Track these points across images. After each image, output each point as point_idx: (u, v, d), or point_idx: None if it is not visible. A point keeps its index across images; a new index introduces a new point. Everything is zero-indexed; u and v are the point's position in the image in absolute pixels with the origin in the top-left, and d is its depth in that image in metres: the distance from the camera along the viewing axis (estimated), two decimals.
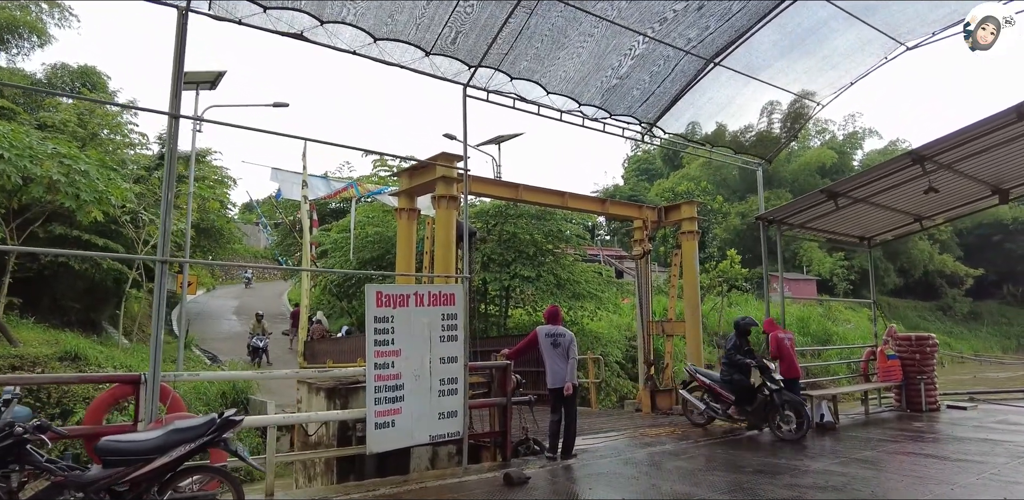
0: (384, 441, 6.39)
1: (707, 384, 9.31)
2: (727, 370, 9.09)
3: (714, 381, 9.27)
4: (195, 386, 13.63)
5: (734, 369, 9.00)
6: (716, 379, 9.28)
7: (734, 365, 8.99)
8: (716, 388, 9.19)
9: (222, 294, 35.36)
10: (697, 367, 10.12)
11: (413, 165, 9.80)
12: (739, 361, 8.90)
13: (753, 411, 8.90)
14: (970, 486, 6.14)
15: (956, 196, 11.09)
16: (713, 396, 9.32)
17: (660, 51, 8.10)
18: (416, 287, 6.83)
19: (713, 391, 9.25)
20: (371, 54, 6.61)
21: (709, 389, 9.32)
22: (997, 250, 48.99)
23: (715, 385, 9.22)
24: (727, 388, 9.08)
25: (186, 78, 15.36)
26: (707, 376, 9.45)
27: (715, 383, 9.24)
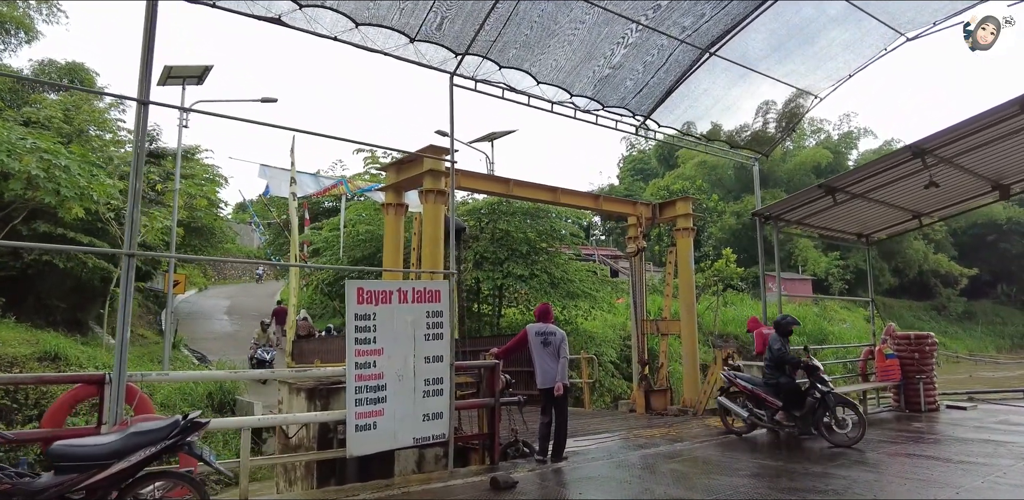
0: (365, 444, 6.12)
1: (750, 389, 8.66)
2: (772, 373, 8.51)
3: (757, 385, 8.66)
4: (180, 387, 13.33)
5: (779, 372, 8.44)
6: (758, 383, 8.68)
7: (780, 367, 8.42)
8: (760, 393, 8.55)
9: (215, 294, 35.03)
10: (735, 372, 9.42)
11: (400, 159, 9.52)
12: (792, 361, 8.34)
13: (803, 415, 8.31)
14: (976, 490, 5.90)
15: (955, 192, 10.89)
16: (756, 402, 8.66)
17: (654, 40, 7.85)
18: (399, 283, 6.58)
19: (757, 396, 8.60)
20: (353, 40, 6.34)
21: (752, 395, 8.66)
22: (991, 250, 49.01)
23: (758, 390, 8.59)
24: (772, 392, 8.48)
25: (172, 72, 15.17)
26: (748, 381, 8.80)
27: (758, 388, 8.62)
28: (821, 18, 8.21)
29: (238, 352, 21.32)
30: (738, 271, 24.67)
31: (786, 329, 8.69)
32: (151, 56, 5.39)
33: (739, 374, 9.19)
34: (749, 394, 8.70)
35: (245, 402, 13.77)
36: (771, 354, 8.56)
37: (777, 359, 8.47)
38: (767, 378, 8.61)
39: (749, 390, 8.68)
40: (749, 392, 8.68)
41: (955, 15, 8.42)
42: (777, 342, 8.56)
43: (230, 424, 6.81)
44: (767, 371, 8.66)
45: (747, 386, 8.70)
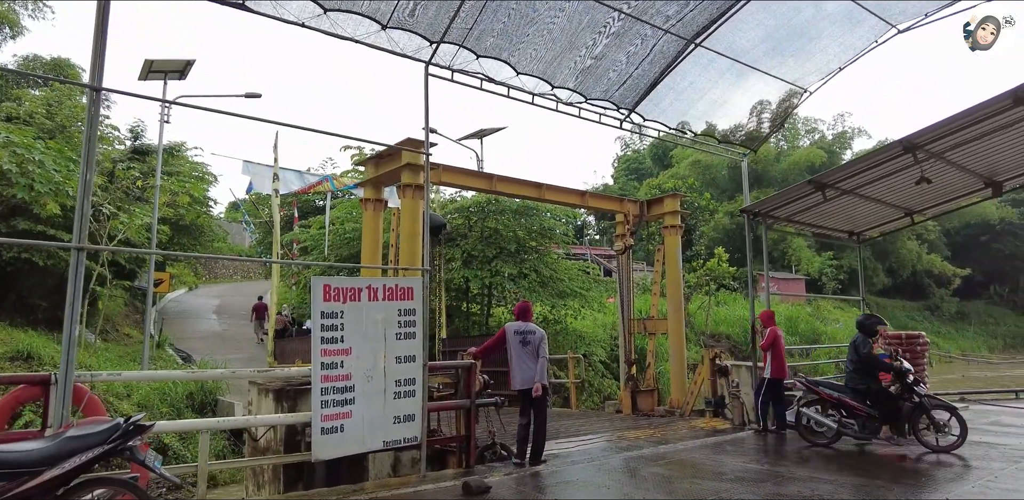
0: (332, 447, 5.87)
1: (836, 398, 8.03)
2: (860, 378, 7.89)
3: (843, 393, 8.04)
4: (159, 387, 13.02)
5: (868, 377, 7.86)
6: (843, 390, 8.06)
7: (868, 372, 7.85)
8: (848, 401, 7.94)
9: (204, 293, 34.78)
10: (814, 378, 8.88)
11: (379, 152, 9.25)
12: (883, 365, 7.78)
13: (899, 422, 7.80)
14: (967, 494, 5.69)
15: (947, 189, 10.69)
16: (844, 410, 8.03)
17: (637, 29, 7.59)
18: (369, 280, 6.30)
19: (845, 405, 7.97)
20: (322, 27, 6.07)
21: (839, 403, 8.03)
22: (984, 250, 49.03)
23: (846, 398, 7.98)
24: (859, 399, 7.89)
25: (153, 66, 14.86)
26: (832, 388, 8.20)
27: (844, 395, 8.01)
28: (810, 8, 7.98)
29: (225, 351, 21.08)
30: (730, 270, 24.48)
31: (871, 329, 8.18)
32: (104, 42, 5.14)
33: (820, 381, 8.65)
34: (835, 402, 8.06)
35: (226, 402, 13.49)
36: (858, 357, 7.94)
37: (865, 362, 7.86)
38: (852, 384, 7.98)
39: (836, 398, 8.04)
40: (836, 400, 8.04)
41: (948, 6, 8.21)
42: (865, 344, 7.95)
43: (185, 427, 6.52)
44: (853, 376, 8.00)
45: (833, 394, 8.08)
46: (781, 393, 9.20)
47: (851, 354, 8.08)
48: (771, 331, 9.24)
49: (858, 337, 8.12)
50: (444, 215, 18.21)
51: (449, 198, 21.11)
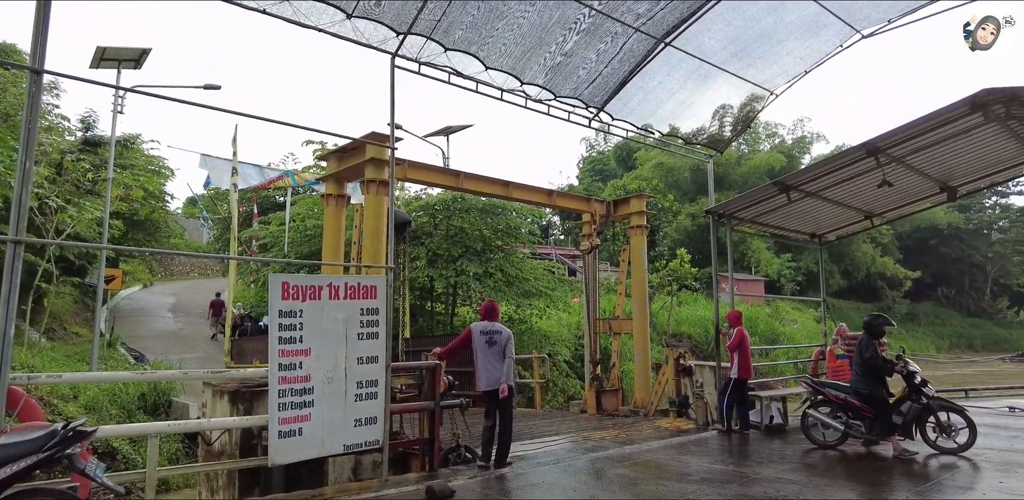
0: (289, 451, 5.64)
1: (842, 399, 7.88)
2: (864, 381, 7.68)
3: (848, 394, 7.87)
4: (110, 388, 12.49)
5: (873, 379, 7.64)
6: (849, 392, 7.88)
7: (873, 374, 7.64)
8: (854, 403, 7.77)
9: (160, 290, 33.78)
10: (820, 380, 8.68)
11: (342, 147, 9.00)
12: (884, 367, 7.56)
13: (905, 423, 7.55)
14: (924, 492, 5.77)
15: (906, 193, 10.92)
16: (851, 412, 7.88)
17: (607, 27, 7.52)
18: (330, 278, 6.09)
19: (851, 406, 7.82)
20: (284, 14, 5.83)
21: (845, 404, 7.88)
22: (933, 254, 50.84)
23: (853, 399, 7.80)
24: (864, 401, 7.71)
25: (106, 54, 14.26)
26: (838, 389, 8.03)
27: (851, 397, 7.83)
28: (778, 11, 8.03)
29: (180, 351, 20.45)
30: (692, 271, 24.73)
31: (878, 330, 7.86)
32: (46, 21, 4.83)
33: (827, 382, 8.41)
34: (841, 404, 7.93)
35: (181, 404, 13.02)
36: (861, 359, 7.74)
37: (869, 365, 7.64)
38: (857, 386, 7.79)
39: (842, 400, 7.90)
40: (842, 402, 7.90)
41: (910, 13, 8.35)
42: (868, 346, 7.69)
43: (132, 431, 6.20)
44: (858, 378, 7.79)
45: (839, 396, 7.93)
46: (745, 393, 9.26)
47: (856, 356, 7.89)
48: (738, 331, 9.28)
49: (863, 338, 7.86)
50: (409, 213, 17.94)
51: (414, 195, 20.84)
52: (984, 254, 51.77)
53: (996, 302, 52.67)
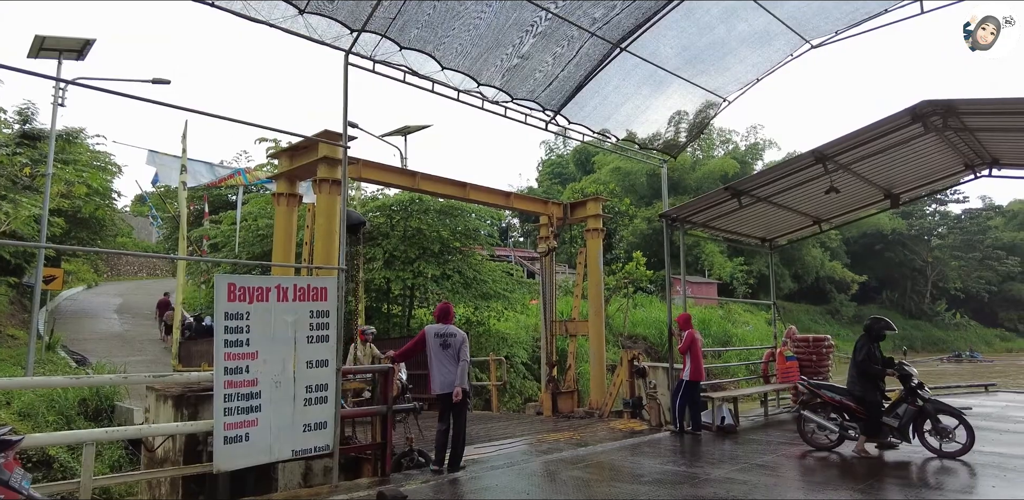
0: (236, 457, 5.48)
1: (838, 401, 7.81)
2: (861, 383, 7.60)
3: (844, 396, 7.81)
4: (47, 393, 11.92)
5: (869, 382, 7.55)
6: (844, 393, 7.83)
7: (869, 376, 7.55)
8: (851, 405, 7.69)
9: (105, 291, 32.59)
10: (816, 381, 8.53)
11: (294, 145, 8.81)
12: (876, 371, 7.48)
13: (901, 427, 7.44)
14: (867, 489, 5.94)
15: (852, 199, 11.29)
16: (847, 414, 7.80)
17: (564, 30, 7.55)
18: (278, 279, 5.94)
19: (847, 408, 7.75)
20: (233, 8, 5.67)
21: (841, 406, 7.82)
22: (878, 258, 52.81)
23: (847, 401, 7.74)
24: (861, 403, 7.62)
25: (45, 43, 13.64)
26: (834, 391, 7.95)
27: (846, 398, 7.77)
28: (731, 19, 8.19)
29: (126, 353, 19.73)
30: (648, 274, 25.07)
31: (878, 334, 7.73)
32: None
33: (823, 384, 8.30)
34: (837, 405, 7.86)
35: (124, 408, 12.53)
36: (855, 361, 7.66)
37: (861, 368, 7.57)
38: (851, 388, 7.71)
39: (838, 401, 7.83)
40: (838, 403, 7.83)
41: (854, 26, 8.60)
42: (863, 348, 7.60)
43: (65, 439, 5.92)
44: (853, 380, 7.71)
45: (835, 397, 7.86)
46: (698, 395, 9.38)
47: (852, 358, 7.78)
48: (688, 334, 9.39)
49: (860, 341, 7.77)
50: (365, 213, 17.69)
51: (371, 196, 20.58)
52: (925, 259, 54.01)
53: (935, 305, 54.92)
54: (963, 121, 8.34)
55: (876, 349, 7.72)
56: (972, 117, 8.25)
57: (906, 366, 7.66)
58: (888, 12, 8.24)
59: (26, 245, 16.14)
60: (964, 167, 10.38)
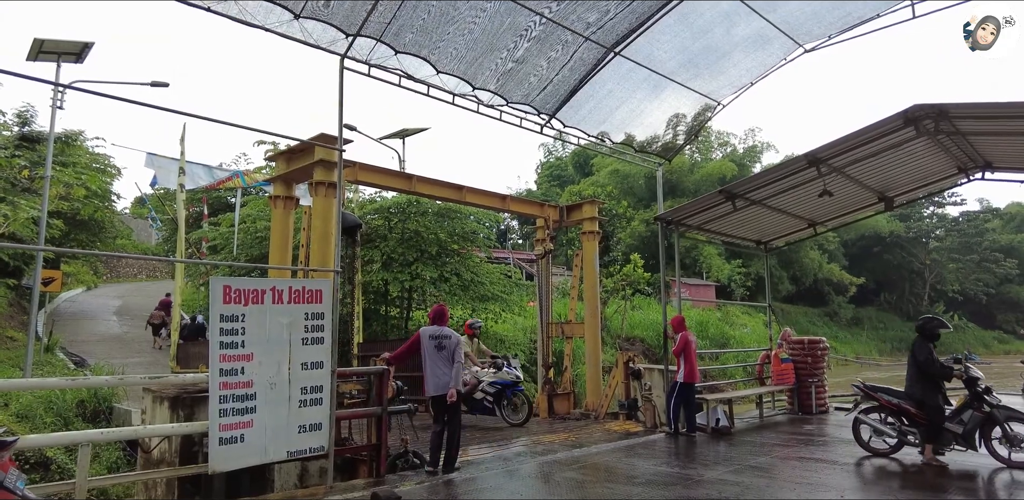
0: (231, 458, 5.52)
1: (895, 405, 7.44)
2: (920, 387, 7.22)
3: (903, 400, 7.43)
4: (45, 395, 11.96)
5: (929, 385, 7.17)
6: (902, 397, 7.46)
7: (930, 380, 7.17)
8: (910, 409, 7.30)
9: (105, 292, 32.65)
10: (872, 384, 8.04)
11: (291, 147, 8.87)
12: (942, 373, 7.08)
13: (966, 433, 7.02)
14: (857, 490, 5.99)
15: (847, 202, 11.34)
16: (905, 419, 7.43)
17: (558, 35, 7.61)
18: (274, 281, 5.98)
19: (906, 413, 7.36)
20: (229, 12, 5.73)
21: (899, 410, 7.44)
22: (876, 260, 52.89)
23: (906, 405, 7.35)
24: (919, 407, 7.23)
25: (44, 46, 13.70)
26: (891, 394, 7.59)
27: (904, 402, 7.39)
28: (725, 23, 8.26)
29: (125, 355, 19.77)
30: (645, 276, 25.10)
31: (932, 333, 7.38)
32: None
33: (879, 386, 7.87)
34: (895, 410, 7.49)
35: (122, 410, 12.57)
36: (915, 363, 7.29)
37: (922, 369, 7.18)
38: (911, 391, 7.36)
39: (895, 405, 7.46)
40: (895, 407, 7.47)
41: (847, 30, 8.67)
42: (923, 349, 7.22)
43: (61, 440, 5.96)
44: (913, 383, 7.35)
45: (892, 401, 7.49)
46: (692, 397, 9.43)
47: (910, 359, 7.46)
48: (682, 336, 9.43)
49: (916, 341, 7.43)
50: (363, 216, 17.75)
51: (368, 198, 20.63)
52: (922, 261, 54.08)
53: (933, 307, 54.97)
54: (955, 125, 8.40)
55: (933, 349, 7.30)
56: (964, 121, 8.31)
57: (971, 369, 7.26)
58: (880, 16, 8.32)
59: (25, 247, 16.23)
60: (957, 170, 10.44)
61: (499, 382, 10.40)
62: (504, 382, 10.40)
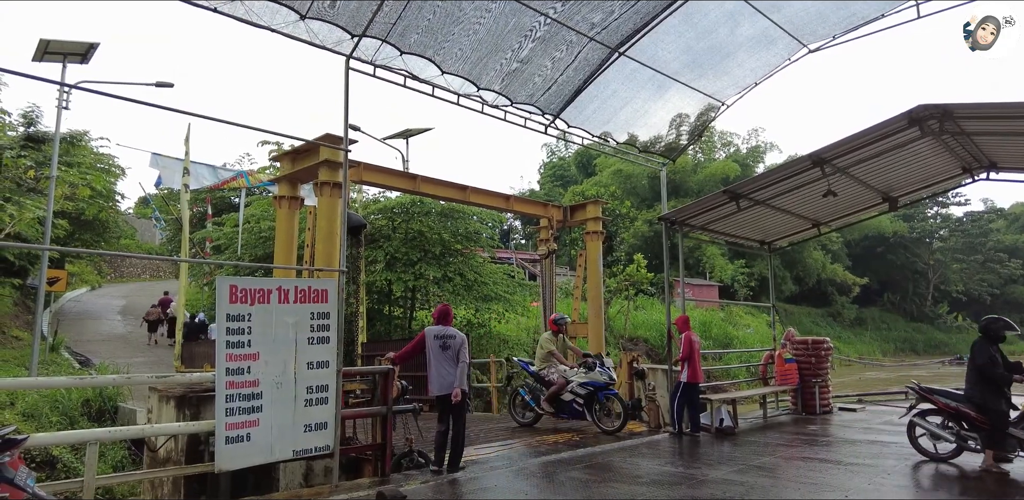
0: (237, 457, 5.54)
1: (954, 408, 7.10)
2: (978, 389, 6.88)
3: (962, 403, 7.08)
4: (51, 394, 12.01)
5: (989, 388, 6.81)
6: (962, 400, 7.10)
7: (990, 383, 6.81)
8: (970, 413, 6.96)
9: (109, 292, 32.78)
10: (930, 386, 7.62)
11: (296, 148, 8.90)
12: (1002, 377, 6.73)
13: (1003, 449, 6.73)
14: (863, 491, 5.99)
15: (851, 202, 11.33)
16: (965, 423, 7.12)
17: (563, 35, 7.63)
18: (279, 281, 6.00)
19: (966, 417, 7.03)
20: (235, 13, 5.75)
21: (958, 414, 7.11)
22: (880, 260, 52.79)
23: (965, 408, 7.02)
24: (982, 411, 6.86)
25: (50, 47, 13.76)
26: (950, 397, 7.23)
27: (963, 405, 7.05)
28: (729, 23, 8.26)
29: (129, 355, 19.86)
30: (649, 276, 25.11)
31: (997, 334, 7.01)
32: None
33: (937, 388, 7.48)
34: (953, 413, 7.16)
35: (128, 409, 12.61)
36: (974, 365, 6.96)
37: (982, 372, 6.85)
38: (970, 394, 7.00)
39: (954, 409, 7.12)
40: (954, 411, 7.13)
41: (852, 30, 8.67)
42: (984, 351, 6.88)
43: (69, 439, 5.99)
44: (972, 386, 7.01)
45: (951, 404, 7.15)
46: (696, 397, 9.43)
47: (969, 362, 7.14)
48: (686, 337, 9.42)
49: (976, 343, 7.05)
50: (367, 216, 17.79)
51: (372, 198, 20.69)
52: (926, 261, 53.97)
53: (937, 308, 54.88)
54: (960, 125, 8.39)
55: (997, 352, 6.93)
56: (969, 121, 8.30)
57: None
58: (885, 16, 8.31)
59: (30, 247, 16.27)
60: (962, 171, 10.43)
61: (591, 384, 9.48)
62: (596, 384, 9.46)
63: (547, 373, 10.01)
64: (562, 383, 9.70)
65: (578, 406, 9.62)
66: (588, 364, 9.71)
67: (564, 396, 9.72)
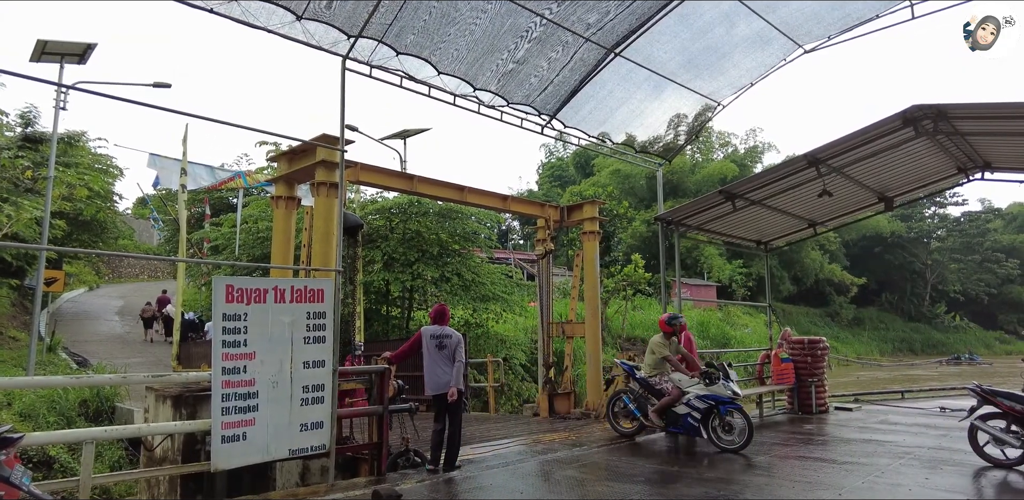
0: (233, 456, 5.55)
1: (1019, 411, 6.78)
2: None
3: None
4: (48, 394, 12.02)
5: None
6: None
7: None
8: None
9: (106, 292, 32.77)
10: (991, 388, 7.24)
11: (293, 148, 8.91)
12: None
13: None
14: (857, 490, 6.02)
15: (846, 202, 11.38)
16: None
17: (559, 36, 7.66)
18: (276, 281, 6.03)
19: None
20: (232, 14, 5.77)
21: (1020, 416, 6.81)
22: (878, 261, 52.91)
23: None
24: None
25: (47, 48, 13.76)
26: (1015, 400, 6.91)
27: None
28: (724, 24, 8.29)
29: (127, 355, 19.85)
30: (646, 276, 25.16)
31: None
32: None
33: (1000, 391, 7.16)
34: (1020, 416, 6.82)
35: (125, 409, 12.62)
36: None
37: None
38: None
39: (1020, 412, 6.79)
40: (1020, 414, 6.80)
41: (847, 30, 8.71)
42: None
43: (65, 438, 6.00)
44: None
45: (1016, 407, 6.83)
46: None
47: None
48: (685, 336, 9.43)
49: None
50: (364, 216, 17.80)
51: (370, 198, 20.70)
52: (924, 261, 54.12)
53: (935, 307, 55.01)
54: (954, 125, 8.44)
55: None
56: (963, 121, 8.34)
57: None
58: (880, 17, 8.35)
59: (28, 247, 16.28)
60: (957, 170, 10.47)
61: (712, 397, 8.27)
62: (718, 397, 8.23)
63: (658, 381, 8.81)
64: (676, 394, 8.49)
65: (693, 421, 8.42)
66: (711, 376, 8.53)
67: (678, 409, 8.56)
